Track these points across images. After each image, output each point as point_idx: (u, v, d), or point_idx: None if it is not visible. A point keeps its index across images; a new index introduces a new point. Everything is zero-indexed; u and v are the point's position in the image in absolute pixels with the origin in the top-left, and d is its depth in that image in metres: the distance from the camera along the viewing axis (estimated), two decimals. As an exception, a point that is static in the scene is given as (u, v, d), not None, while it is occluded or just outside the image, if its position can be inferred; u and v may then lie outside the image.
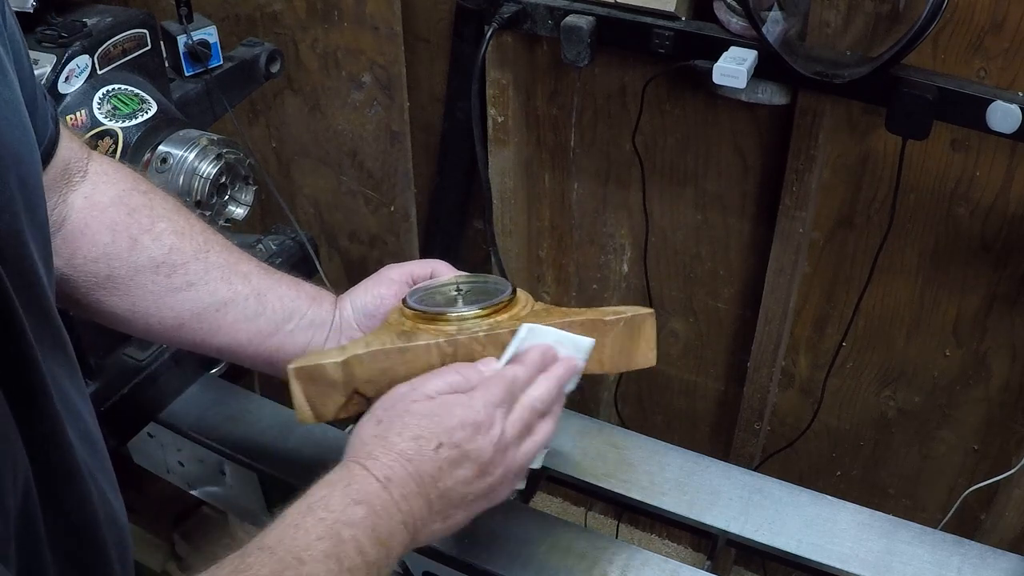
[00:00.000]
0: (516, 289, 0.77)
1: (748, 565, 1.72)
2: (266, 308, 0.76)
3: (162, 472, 1.15)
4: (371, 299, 0.78)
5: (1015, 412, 1.32)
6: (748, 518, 0.96)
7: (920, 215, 1.23)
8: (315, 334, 0.78)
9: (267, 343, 0.77)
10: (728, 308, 1.47)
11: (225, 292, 0.75)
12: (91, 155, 0.73)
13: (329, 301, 0.80)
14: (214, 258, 0.75)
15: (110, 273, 0.71)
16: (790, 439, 1.50)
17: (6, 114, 0.53)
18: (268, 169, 1.71)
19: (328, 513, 0.58)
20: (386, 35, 1.45)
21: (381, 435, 0.64)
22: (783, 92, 1.16)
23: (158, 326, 0.74)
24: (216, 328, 0.75)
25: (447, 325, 0.72)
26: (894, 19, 1.06)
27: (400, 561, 0.97)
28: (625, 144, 1.37)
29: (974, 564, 0.90)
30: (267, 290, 0.76)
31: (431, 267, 0.80)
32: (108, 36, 0.94)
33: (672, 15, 1.14)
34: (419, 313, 0.73)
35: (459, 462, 0.64)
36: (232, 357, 0.79)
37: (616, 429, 1.07)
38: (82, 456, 0.58)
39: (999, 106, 0.96)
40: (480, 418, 0.65)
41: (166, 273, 0.73)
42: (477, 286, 0.78)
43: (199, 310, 0.74)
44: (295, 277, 0.80)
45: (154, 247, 0.72)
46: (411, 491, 0.62)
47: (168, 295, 0.73)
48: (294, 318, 0.77)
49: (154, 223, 0.73)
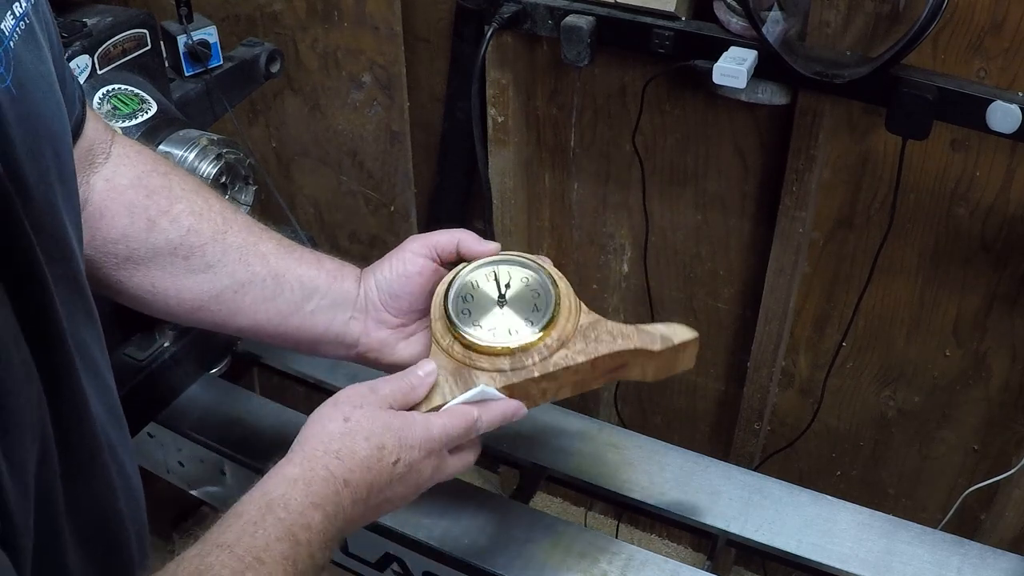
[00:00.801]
0: (559, 287, 0.76)
1: (748, 565, 1.72)
2: (284, 289, 0.76)
3: (162, 472, 1.15)
4: (396, 278, 0.77)
5: (1015, 412, 1.32)
6: (748, 518, 0.95)
7: (920, 215, 1.23)
8: (336, 314, 0.78)
9: (287, 323, 0.77)
10: (728, 308, 1.47)
11: (243, 274, 0.75)
12: (115, 137, 0.74)
13: (352, 278, 0.79)
14: (232, 239, 0.75)
15: (129, 255, 0.72)
16: (790, 439, 1.50)
17: (42, 87, 0.54)
18: (268, 169, 1.71)
19: (287, 514, 0.59)
20: (386, 35, 1.45)
21: (348, 435, 0.65)
22: (783, 92, 1.16)
23: (178, 307, 0.75)
24: (236, 309, 0.75)
25: (502, 359, 0.73)
26: (894, 19, 1.06)
27: (400, 561, 0.97)
28: (625, 144, 1.37)
29: (974, 564, 0.90)
30: (286, 270, 0.76)
31: (456, 237, 0.78)
32: (108, 36, 0.95)
33: (672, 15, 1.14)
34: (473, 344, 0.73)
35: (404, 479, 0.67)
36: (255, 336, 0.79)
37: (616, 429, 1.07)
38: (106, 429, 0.59)
39: (999, 106, 0.96)
40: (435, 446, 0.68)
41: (184, 255, 0.73)
42: (519, 287, 0.77)
43: (217, 291, 0.74)
44: (319, 252, 0.80)
45: (172, 229, 0.72)
46: (360, 497, 0.64)
47: (186, 276, 0.73)
48: (314, 298, 0.77)
49: (172, 204, 0.73)
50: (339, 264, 0.79)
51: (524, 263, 0.77)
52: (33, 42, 0.54)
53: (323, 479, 0.62)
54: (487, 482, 1.90)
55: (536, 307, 0.76)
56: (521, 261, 0.77)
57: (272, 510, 0.59)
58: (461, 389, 0.73)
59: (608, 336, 0.75)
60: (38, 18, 0.56)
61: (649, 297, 1.51)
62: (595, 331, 0.75)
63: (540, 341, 0.73)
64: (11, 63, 0.50)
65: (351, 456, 0.64)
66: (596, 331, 0.75)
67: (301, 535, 0.59)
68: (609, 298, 1.57)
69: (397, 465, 0.65)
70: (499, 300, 0.76)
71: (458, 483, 0.99)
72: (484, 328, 0.74)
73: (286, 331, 0.77)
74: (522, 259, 0.78)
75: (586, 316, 0.76)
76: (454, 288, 0.76)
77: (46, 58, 0.56)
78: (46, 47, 0.56)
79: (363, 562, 1.00)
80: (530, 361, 0.73)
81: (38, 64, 0.54)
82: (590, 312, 0.77)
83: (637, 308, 1.55)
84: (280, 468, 0.63)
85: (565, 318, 0.75)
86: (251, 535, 0.57)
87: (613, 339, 0.75)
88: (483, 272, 0.77)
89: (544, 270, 0.77)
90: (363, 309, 0.78)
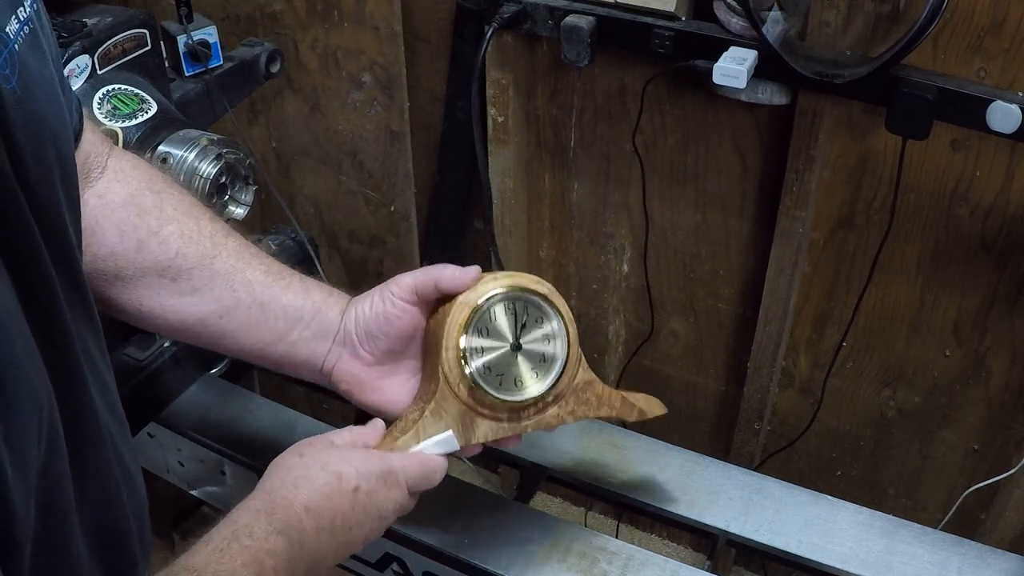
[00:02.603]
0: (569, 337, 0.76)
1: (748, 565, 1.72)
2: (269, 318, 0.76)
3: (162, 472, 1.15)
4: (374, 318, 0.76)
5: (1015, 412, 1.32)
6: (748, 518, 0.96)
7: (920, 215, 1.23)
8: (318, 345, 0.78)
9: (271, 350, 0.77)
10: (728, 308, 1.47)
11: (229, 300, 0.75)
12: (112, 150, 0.74)
13: (336, 309, 0.78)
14: (220, 264, 0.75)
15: (117, 272, 0.72)
16: (790, 439, 1.50)
17: (45, 90, 0.54)
18: (268, 169, 1.71)
19: (252, 541, 0.61)
20: (386, 35, 1.45)
21: (304, 466, 0.68)
22: (783, 92, 1.16)
23: (165, 326, 0.76)
24: (221, 333, 0.76)
25: (502, 411, 0.76)
26: (894, 19, 1.06)
27: (400, 561, 0.97)
28: (625, 144, 1.37)
29: (974, 564, 0.90)
30: (271, 299, 0.76)
31: (433, 276, 0.75)
32: (108, 36, 0.95)
33: (672, 15, 1.14)
34: (483, 394, 0.75)
35: (368, 510, 0.68)
36: (241, 358, 0.80)
37: (616, 429, 1.07)
38: (109, 428, 0.59)
39: (999, 106, 0.96)
40: (396, 479, 0.70)
41: (171, 277, 0.73)
42: (534, 333, 0.76)
43: (203, 315, 0.75)
44: (308, 280, 0.79)
45: (160, 251, 0.73)
46: (324, 525, 0.66)
47: (173, 298, 0.74)
48: (297, 328, 0.77)
49: (162, 226, 0.73)
50: (326, 293, 0.79)
51: (541, 307, 0.76)
52: (37, 47, 0.54)
53: (283, 507, 0.65)
54: (487, 482, 1.90)
55: (544, 358, 0.76)
56: (539, 304, 0.76)
57: (237, 538, 0.61)
58: (463, 436, 0.75)
59: (595, 401, 0.80)
60: (40, 24, 0.56)
61: (649, 297, 1.51)
62: (587, 392, 0.80)
63: (541, 398, 0.76)
64: (16, 66, 0.50)
65: (308, 483, 0.66)
66: (587, 393, 0.80)
67: (267, 561, 0.61)
68: (609, 298, 1.57)
69: (358, 492, 0.67)
70: (514, 344, 0.75)
71: (458, 483, 0.99)
72: (493, 374, 0.75)
73: (269, 357, 0.78)
74: (540, 302, 0.76)
75: (583, 373, 0.79)
76: (472, 321, 0.73)
77: (48, 63, 0.56)
78: (48, 52, 0.57)
79: (363, 562, 1.00)
80: (526, 415, 0.77)
81: (42, 68, 0.55)
82: (587, 369, 0.79)
83: (637, 308, 1.55)
84: (245, 502, 0.66)
85: (567, 375, 0.77)
86: (217, 561, 0.59)
87: (599, 405, 0.81)
88: (502, 305, 0.75)
89: (560, 314, 0.76)
90: (341, 342, 0.78)
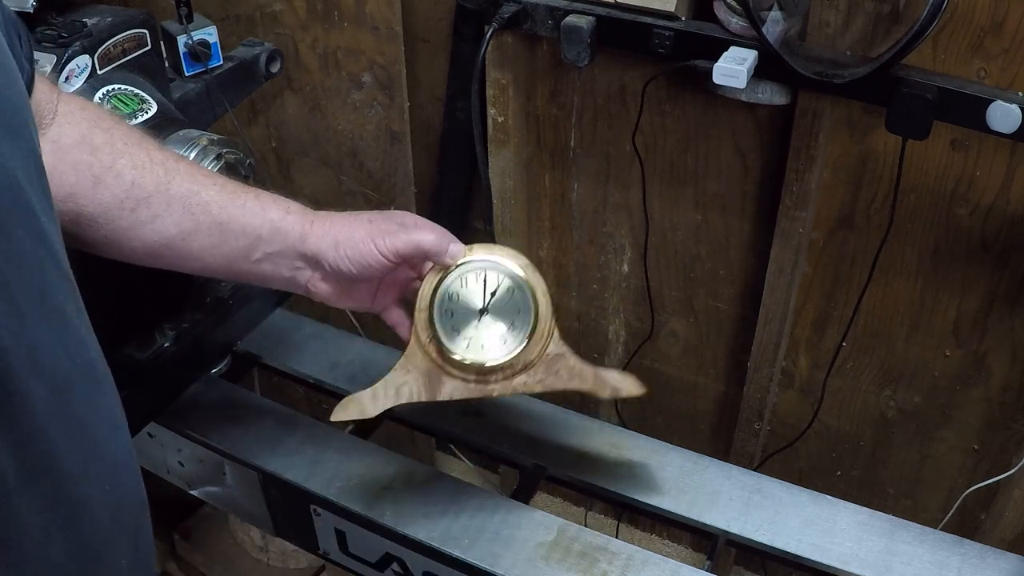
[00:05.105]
0: (539, 308, 0.79)
1: (748, 565, 1.72)
2: (228, 238, 0.79)
3: (162, 472, 1.15)
4: (350, 263, 0.79)
5: (1015, 412, 1.32)
6: (748, 518, 0.96)
7: (920, 215, 1.23)
8: (282, 262, 0.81)
9: (235, 267, 0.80)
10: (728, 308, 1.47)
11: (188, 223, 0.77)
12: (60, 96, 0.74)
13: (298, 228, 0.80)
14: (176, 189, 0.77)
15: (79, 211, 0.73)
16: (790, 439, 1.50)
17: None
18: (268, 169, 1.71)
19: None
20: (386, 35, 1.45)
21: None
22: (783, 92, 1.16)
23: (132, 254, 0.78)
24: (186, 254, 0.79)
25: (469, 372, 0.79)
26: (894, 19, 1.06)
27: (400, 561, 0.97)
28: (625, 144, 1.37)
29: (974, 564, 0.90)
30: (229, 219, 0.78)
31: (416, 242, 0.80)
32: (108, 36, 0.95)
33: (672, 15, 1.14)
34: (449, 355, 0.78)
35: None
36: (210, 276, 0.84)
37: (616, 429, 1.07)
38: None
39: (999, 106, 0.96)
40: None
41: (131, 208, 0.75)
42: (503, 298, 0.79)
43: (166, 240, 0.77)
44: (264, 195, 0.81)
45: (116, 184, 0.74)
46: None
47: (136, 228, 0.76)
48: (259, 247, 0.80)
49: (115, 161, 0.74)
50: (284, 210, 0.81)
51: (514, 275, 0.79)
52: None
53: None
54: (487, 482, 1.90)
55: (514, 324, 0.79)
56: (512, 273, 0.79)
57: None
58: (428, 391, 0.78)
59: (567, 373, 0.81)
60: None
61: (649, 297, 1.51)
62: (557, 364, 0.81)
63: (507, 363, 0.78)
64: None
65: None
66: (558, 364, 0.81)
67: None
68: (609, 298, 1.57)
69: None
70: (482, 310, 0.79)
71: (458, 483, 0.99)
72: (461, 337, 0.78)
73: (236, 274, 0.82)
74: (513, 271, 0.79)
75: (555, 346, 0.81)
76: (443, 286, 0.79)
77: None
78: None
79: (363, 562, 1.00)
80: (493, 379, 0.79)
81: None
82: (560, 342, 0.81)
83: (637, 308, 1.55)
84: None
85: (535, 343, 0.79)
86: None
87: (570, 378, 0.82)
88: (474, 274, 0.79)
89: (530, 287, 0.79)
90: (312, 264, 0.81)
